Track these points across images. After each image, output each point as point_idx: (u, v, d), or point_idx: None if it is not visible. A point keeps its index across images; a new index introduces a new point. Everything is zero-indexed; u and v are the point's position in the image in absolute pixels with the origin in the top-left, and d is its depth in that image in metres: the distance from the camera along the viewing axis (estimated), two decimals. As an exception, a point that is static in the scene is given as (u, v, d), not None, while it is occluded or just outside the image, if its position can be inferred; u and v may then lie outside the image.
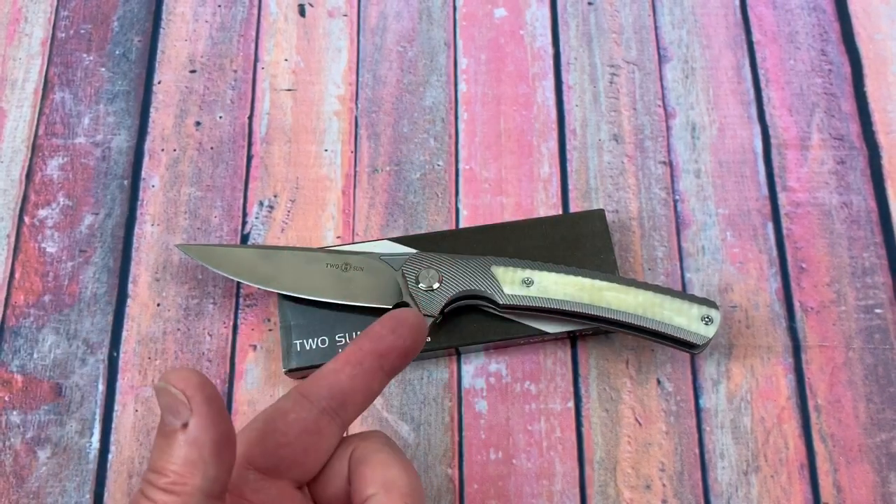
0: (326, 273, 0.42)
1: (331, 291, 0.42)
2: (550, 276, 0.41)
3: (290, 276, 0.42)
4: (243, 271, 0.42)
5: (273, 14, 0.52)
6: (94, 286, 0.45)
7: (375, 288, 0.42)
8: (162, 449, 0.27)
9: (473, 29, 0.51)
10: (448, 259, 0.41)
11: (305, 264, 0.42)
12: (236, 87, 0.50)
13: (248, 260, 0.42)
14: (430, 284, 0.41)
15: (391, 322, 0.32)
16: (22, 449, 0.42)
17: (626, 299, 0.40)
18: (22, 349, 0.44)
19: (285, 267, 0.42)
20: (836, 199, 0.47)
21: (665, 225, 0.46)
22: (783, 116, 0.49)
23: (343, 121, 0.49)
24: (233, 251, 0.43)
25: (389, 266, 0.42)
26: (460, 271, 0.41)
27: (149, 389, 0.43)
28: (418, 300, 0.41)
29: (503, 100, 0.50)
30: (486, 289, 0.41)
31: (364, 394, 0.32)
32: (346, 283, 0.42)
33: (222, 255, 0.43)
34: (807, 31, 0.51)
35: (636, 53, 0.51)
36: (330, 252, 0.43)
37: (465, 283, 0.41)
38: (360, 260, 0.42)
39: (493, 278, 0.41)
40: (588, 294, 0.40)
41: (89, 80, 0.50)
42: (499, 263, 0.41)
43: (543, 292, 0.40)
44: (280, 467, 0.31)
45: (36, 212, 0.47)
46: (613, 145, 0.48)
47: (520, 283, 0.41)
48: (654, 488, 0.41)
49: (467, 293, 0.41)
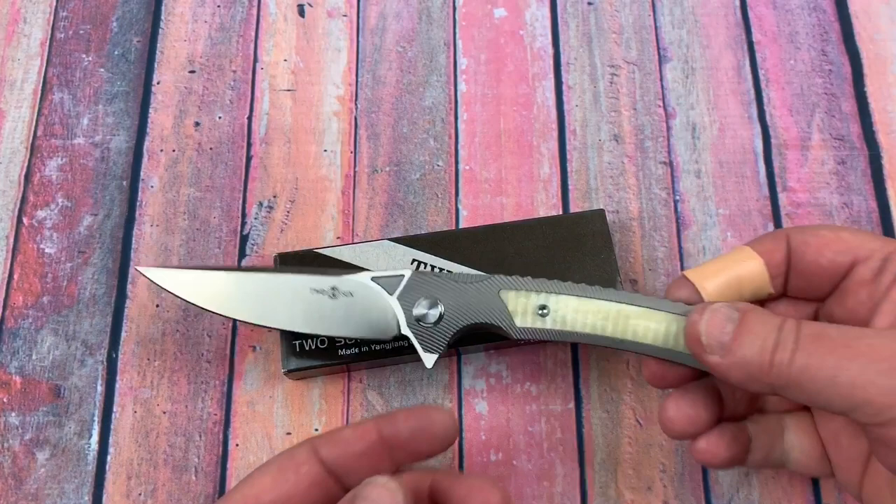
0: (311, 301, 0.37)
1: (316, 323, 0.37)
2: (569, 302, 0.35)
3: (269, 305, 0.37)
4: (214, 299, 0.37)
5: (272, 14, 0.52)
6: (93, 287, 0.45)
7: (369, 318, 0.37)
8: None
9: (473, 29, 0.51)
10: (450, 282, 0.36)
11: (285, 291, 0.37)
12: (235, 88, 0.50)
13: (218, 285, 0.37)
14: (432, 318, 0.36)
15: (415, 421, 0.33)
16: (20, 450, 0.42)
17: (658, 330, 0.34)
18: (20, 350, 0.44)
19: (262, 294, 0.37)
20: (836, 200, 0.47)
21: (666, 225, 0.46)
22: (783, 117, 0.49)
23: (342, 121, 0.49)
24: (201, 276, 0.37)
25: (384, 290, 0.37)
26: (465, 298, 0.36)
27: (147, 391, 0.43)
28: (419, 336, 0.36)
29: (503, 100, 0.49)
30: (495, 320, 0.36)
31: (370, 473, 0.32)
32: (333, 313, 0.37)
33: (189, 280, 0.37)
34: (807, 32, 0.51)
35: (636, 53, 0.50)
36: (314, 275, 0.37)
37: (471, 315, 0.36)
38: (349, 284, 0.37)
39: (504, 307, 0.36)
40: (612, 324, 0.34)
41: (88, 81, 0.50)
42: (509, 286, 0.36)
43: (561, 323, 0.35)
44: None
45: (35, 213, 0.47)
46: (614, 145, 0.48)
47: (533, 312, 0.35)
48: (655, 489, 0.41)
49: (474, 327, 0.37)
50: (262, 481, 0.32)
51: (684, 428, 0.34)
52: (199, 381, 0.43)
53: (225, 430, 0.42)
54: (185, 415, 0.42)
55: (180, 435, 0.42)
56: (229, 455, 0.42)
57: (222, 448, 0.42)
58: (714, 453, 0.34)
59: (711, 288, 0.35)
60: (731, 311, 0.31)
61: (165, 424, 0.42)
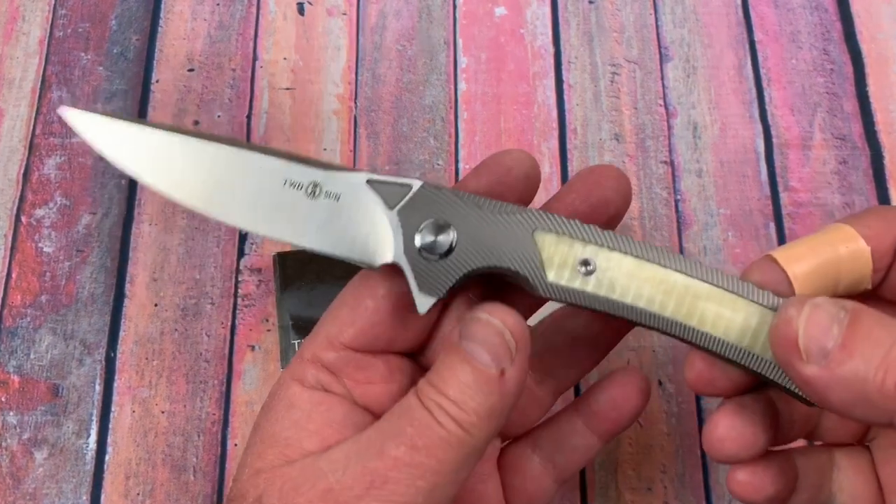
0: (282, 196, 0.28)
1: (283, 226, 0.28)
2: (623, 260, 0.27)
3: (226, 190, 0.28)
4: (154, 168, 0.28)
5: (272, 12, 0.51)
6: (92, 286, 0.45)
7: (354, 234, 0.28)
8: (468, 384, 0.25)
9: (473, 27, 0.51)
10: (472, 207, 0.27)
11: (251, 176, 0.28)
12: (235, 86, 0.49)
13: (162, 151, 0.28)
14: (439, 248, 0.27)
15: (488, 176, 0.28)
16: (18, 450, 0.42)
17: (734, 319, 0.27)
18: (19, 349, 0.44)
19: (219, 174, 0.28)
20: (838, 200, 0.47)
21: (666, 225, 0.46)
22: (785, 116, 0.49)
23: (342, 120, 0.49)
24: (140, 132, 0.28)
25: (381, 200, 0.28)
26: (487, 231, 0.27)
27: (146, 390, 0.43)
28: (416, 269, 0.27)
29: (503, 99, 0.49)
30: (521, 268, 0.27)
31: None
32: (309, 218, 0.28)
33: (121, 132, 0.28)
34: (809, 31, 0.51)
35: (637, 52, 0.50)
36: (292, 162, 0.28)
37: (490, 254, 0.27)
38: (337, 183, 0.28)
39: (536, 253, 0.27)
40: (675, 302, 0.27)
41: (87, 79, 0.50)
42: (548, 227, 0.27)
43: (608, 288, 0.27)
44: (377, 344, 0.29)
45: (33, 211, 0.46)
46: (614, 145, 0.48)
47: (574, 266, 0.27)
48: (655, 490, 0.41)
49: (493, 269, 0.28)
50: (340, 315, 0.28)
51: (737, 452, 0.28)
52: (198, 381, 0.43)
53: (223, 429, 0.42)
54: (184, 414, 0.42)
55: (179, 434, 0.42)
56: (228, 455, 0.42)
57: (221, 448, 0.42)
58: (757, 488, 0.28)
59: (801, 273, 0.27)
60: (838, 310, 0.24)
61: (164, 424, 0.42)
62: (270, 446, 0.27)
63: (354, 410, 0.28)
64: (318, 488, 0.25)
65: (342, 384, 0.28)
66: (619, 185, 0.30)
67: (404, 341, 0.29)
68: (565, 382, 0.32)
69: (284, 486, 0.26)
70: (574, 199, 0.29)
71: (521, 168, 0.29)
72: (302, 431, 0.27)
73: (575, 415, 0.32)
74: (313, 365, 0.28)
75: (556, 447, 0.32)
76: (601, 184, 0.29)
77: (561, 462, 0.32)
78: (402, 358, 0.30)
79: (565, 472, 0.32)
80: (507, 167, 0.29)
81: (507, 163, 0.29)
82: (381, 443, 0.25)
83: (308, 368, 0.28)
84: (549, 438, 0.32)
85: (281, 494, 0.25)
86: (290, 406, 0.28)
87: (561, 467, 0.32)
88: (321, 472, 0.25)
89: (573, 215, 0.28)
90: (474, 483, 0.31)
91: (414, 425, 0.25)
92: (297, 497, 0.25)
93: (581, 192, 0.30)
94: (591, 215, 0.29)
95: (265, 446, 0.27)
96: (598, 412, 0.32)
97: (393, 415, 0.26)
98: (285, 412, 0.28)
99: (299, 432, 0.27)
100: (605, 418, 0.32)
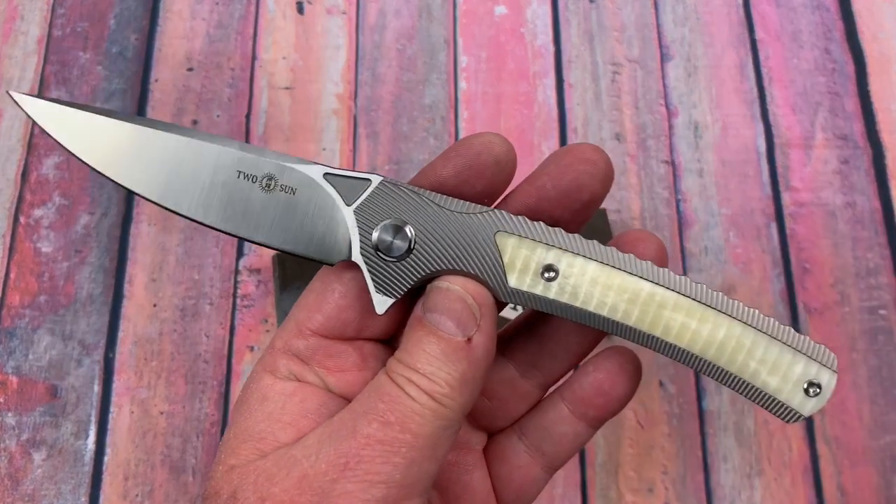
0: (235, 187, 0.27)
1: (238, 221, 0.27)
2: (588, 266, 0.26)
3: (177, 180, 0.27)
4: (105, 156, 0.27)
5: (271, 12, 0.51)
6: (90, 286, 0.45)
7: (311, 230, 0.27)
8: (435, 355, 0.25)
9: (473, 27, 0.51)
10: (431, 205, 0.26)
11: (202, 166, 0.27)
12: (234, 86, 0.49)
13: (113, 138, 0.27)
14: (396, 249, 0.26)
15: (455, 160, 0.26)
16: (17, 451, 0.41)
17: (699, 331, 0.26)
18: (17, 350, 0.43)
19: (170, 163, 0.27)
20: (839, 199, 0.46)
21: (668, 225, 0.46)
22: (786, 115, 0.48)
23: (342, 119, 0.49)
24: (91, 120, 0.28)
25: (338, 196, 0.27)
26: (447, 231, 0.26)
27: (144, 391, 0.43)
28: (373, 269, 0.26)
29: (504, 98, 0.49)
30: (481, 272, 0.26)
31: None
32: (263, 212, 0.27)
33: (75, 122, 0.28)
34: (810, 30, 0.51)
35: (638, 52, 0.50)
36: (246, 152, 0.27)
37: (450, 256, 0.26)
38: (292, 176, 0.27)
39: (497, 256, 0.26)
40: (640, 310, 0.26)
41: (86, 79, 0.49)
42: (511, 229, 0.26)
43: (571, 296, 0.26)
44: (346, 331, 0.28)
45: (31, 211, 0.46)
46: (615, 144, 0.48)
47: (536, 271, 0.26)
48: (656, 491, 0.41)
49: (452, 272, 0.27)
50: (308, 302, 0.28)
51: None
52: (197, 382, 0.43)
53: (222, 430, 0.42)
54: (183, 415, 0.42)
55: (178, 435, 0.42)
56: (227, 456, 0.42)
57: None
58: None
59: None
60: None
61: (163, 425, 0.42)
62: (244, 441, 0.26)
63: (330, 399, 0.27)
64: (292, 476, 0.24)
65: (315, 373, 0.28)
66: (594, 168, 0.27)
67: (375, 327, 0.28)
68: (553, 375, 0.31)
69: (259, 478, 0.25)
70: (545, 183, 0.27)
71: (491, 152, 0.27)
72: (276, 423, 0.26)
73: (560, 401, 0.30)
74: (284, 355, 0.28)
75: (543, 435, 0.30)
76: (574, 166, 0.27)
77: (549, 451, 0.31)
78: (376, 344, 0.29)
79: (555, 461, 0.31)
80: (475, 151, 0.27)
81: (475, 147, 0.27)
82: (353, 422, 0.25)
83: (279, 359, 0.28)
84: (535, 426, 0.31)
85: (255, 487, 0.25)
86: (262, 399, 0.27)
87: (550, 456, 0.31)
88: (295, 459, 0.25)
89: (544, 201, 0.27)
90: (459, 474, 0.30)
91: (385, 401, 0.25)
92: (271, 487, 0.24)
93: (552, 174, 0.27)
94: (562, 201, 0.27)
95: (239, 441, 0.26)
96: (583, 398, 0.30)
97: (363, 395, 0.25)
98: (258, 405, 0.27)
99: (273, 425, 0.26)
100: (592, 405, 0.30)
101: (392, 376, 0.25)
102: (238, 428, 0.27)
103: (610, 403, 0.29)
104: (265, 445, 0.26)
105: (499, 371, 0.30)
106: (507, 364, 0.30)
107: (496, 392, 0.30)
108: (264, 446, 0.26)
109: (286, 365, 0.28)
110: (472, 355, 0.25)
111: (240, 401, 0.28)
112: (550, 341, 0.30)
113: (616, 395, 0.29)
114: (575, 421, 0.30)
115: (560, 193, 0.27)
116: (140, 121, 0.28)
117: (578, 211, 0.27)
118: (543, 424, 0.30)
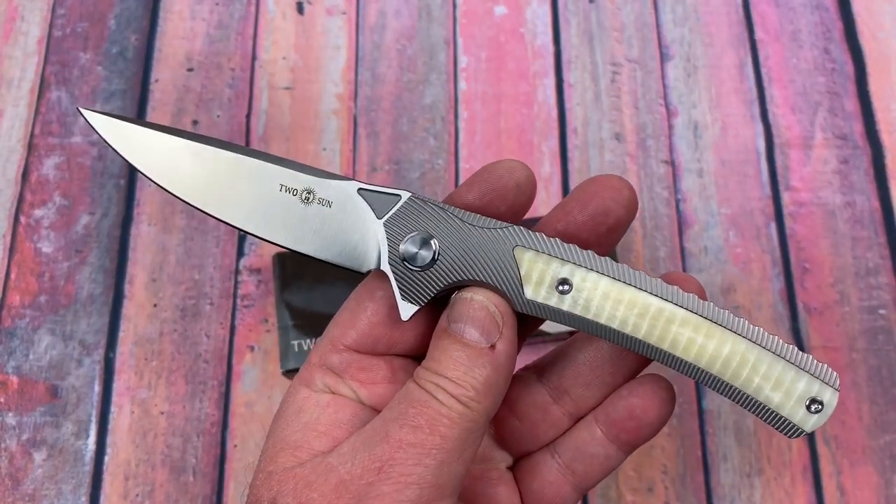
0: (277, 200, 0.29)
1: (278, 230, 0.29)
2: (600, 281, 0.28)
3: (224, 191, 0.30)
4: (160, 167, 0.30)
5: (271, 12, 0.51)
6: (91, 286, 0.45)
7: (344, 240, 0.29)
8: (461, 361, 0.27)
9: (473, 27, 0.51)
10: (455, 220, 0.29)
11: (248, 179, 0.30)
12: (234, 86, 0.49)
13: (168, 152, 0.30)
14: (421, 260, 0.28)
15: (480, 185, 0.29)
16: (17, 451, 0.42)
17: (706, 346, 0.27)
18: (17, 350, 0.43)
19: (219, 176, 0.30)
20: (839, 199, 0.46)
21: (667, 225, 0.46)
22: (786, 115, 0.48)
23: (342, 119, 0.49)
24: (150, 135, 0.30)
25: (370, 209, 0.29)
26: (468, 244, 0.28)
27: (145, 391, 0.43)
28: (400, 278, 0.29)
29: (503, 98, 0.49)
30: (499, 283, 0.28)
31: None
32: (301, 223, 0.29)
33: (135, 137, 0.30)
34: (810, 30, 0.51)
35: (638, 52, 0.50)
36: (288, 168, 0.30)
37: (471, 268, 0.28)
38: (329, 190, 0.29)
39: (515, 269, 0.28)
40: (649, 324, 0.27)
41: (86, 79, 0.50)
42: (528, 244, 0.28)
43: (584, 308, 0.28)
44: (378, 346, 0.30)
45: (32, 211, 0.46)
46: (615, 144, 0.48)
47: (551, 284, 0.28)
48: (656, 491, 0.41)
49: (473, 282, 0.29)
50: (342, 319, 0.30)
51: None
52: (197, 382, 0.43)
53: (223, 430, 0.42)
54: (183, 415, 0.42)
55: (178, 436, 0.42)
56: (227, 456, 0.42)
57: (220, 449, 0.42)
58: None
59: None
60: None
61: (163, 425, 0.42)
62: (282, 450, 0.28)
63: (363, 411, 0.29)
64: (330, 482, 0.26)
65: (348, 386, 0.29)
66: (619, 194, 0.29)
67: (405, 342, 0.30)
68: (584, 403, 0.32)
69: (297, 484, 0.26)
70: (573, 208, 0.30)
71: (513, 177, 0.29)
72: (311, 433, 0.28)
73: (594, 422, 0.32)
74: (320, 369, 0.29)
75: (575, 455, 0.31)
76: (600, 193, 0.29)
77: (580, 470, 0.32)
78: (405, 359, 0.30)
79: (585, 481, 0.32)
80: (498, 176, 0.29)
81: (498, 172, 0.29)
82: (385, 428, 0.26)
83: (315, 373, 0.29)
84: (568, 445, 0.32)
85: (295, 493, 0.26)
86: (299, 410, 0.29)
87: (581, 475, 0.32)
88: (331, 466, 0.26)
89: (572, 225, 0.29)
90: (484, 487, 0.31)
91: (415, 406, 0.26)
92: (310, 493, 0.26)
93: (580, 201, 0.30)
94: (589, 225, 0.30)
95: (276, 450, 0.28)
96: (616, 420, 0.31)
97: (394, 402, 0.27)
98: (295, 416, 0.29)
99: (308, 434, 0.28)
100: (624, 428, 0.31)
101: (420, 383, 0.27)
102: (276, 437, 0.28)
103: (642, 428, 0.31)
104: (301, 454, 0.28)
105: (532, 394, 0.32)
106: (542, 388, 0.32)
107: (527, 414, 0.32)
108: (301, 454, 0.27)
109: (321, 378, 0.29)
110: (495, 361, 0.27)
111: (277, 413, 0.30)
112: (585, 368, 0.31)
113: (648, 421, 0.30)
114: (607, 443, 0.31)
115: (587, 217, 0.29)
116: (193, 136, 0.30)
117: (605, 234, 0.29)
118: (576, 444, 0.32)
